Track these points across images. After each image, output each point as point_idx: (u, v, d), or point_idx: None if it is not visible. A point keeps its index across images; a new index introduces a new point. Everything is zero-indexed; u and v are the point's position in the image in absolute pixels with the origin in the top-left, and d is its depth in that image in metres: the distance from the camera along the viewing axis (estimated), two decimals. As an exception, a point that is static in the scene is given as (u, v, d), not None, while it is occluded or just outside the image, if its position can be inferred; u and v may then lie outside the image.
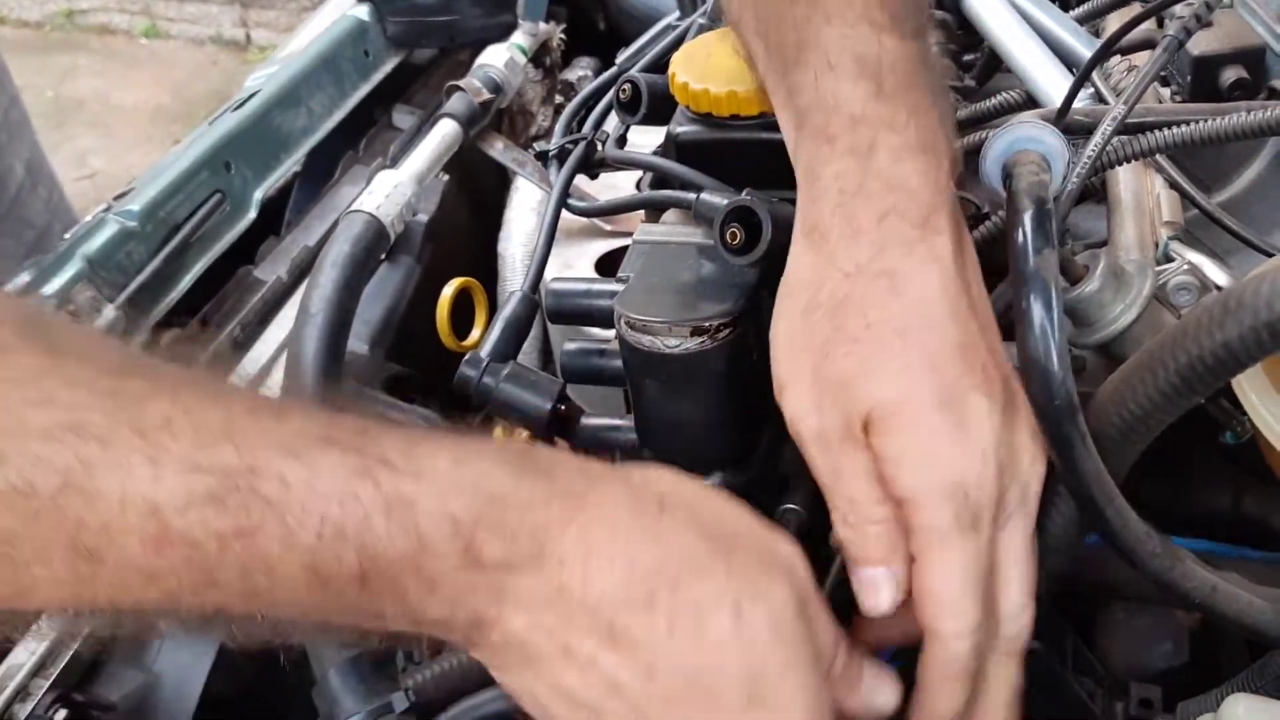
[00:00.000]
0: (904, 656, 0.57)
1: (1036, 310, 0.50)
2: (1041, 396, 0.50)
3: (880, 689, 0.53)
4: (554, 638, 0.45)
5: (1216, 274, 0.69)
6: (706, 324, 0.60)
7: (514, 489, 0.45)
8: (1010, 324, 0.53)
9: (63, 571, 0.41)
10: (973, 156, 0.57)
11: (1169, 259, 0.70)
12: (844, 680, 0.51)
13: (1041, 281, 0.50)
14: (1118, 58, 0.84)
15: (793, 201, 0.57)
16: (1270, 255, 0.74)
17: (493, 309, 0.92)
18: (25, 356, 0.42)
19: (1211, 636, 0.83)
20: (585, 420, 0.75)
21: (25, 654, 0.75)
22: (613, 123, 0.88)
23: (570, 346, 0.73)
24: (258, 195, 1.05)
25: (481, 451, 0.46)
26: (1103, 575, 0.73)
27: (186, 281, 0.96)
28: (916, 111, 0.54)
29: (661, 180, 0.74)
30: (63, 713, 0.74)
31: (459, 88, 1.14)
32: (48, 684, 0.75)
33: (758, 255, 0.59)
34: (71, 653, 0.76)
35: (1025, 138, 0.55)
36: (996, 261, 0.58)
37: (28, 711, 0.73)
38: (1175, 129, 0.68)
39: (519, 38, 1.25)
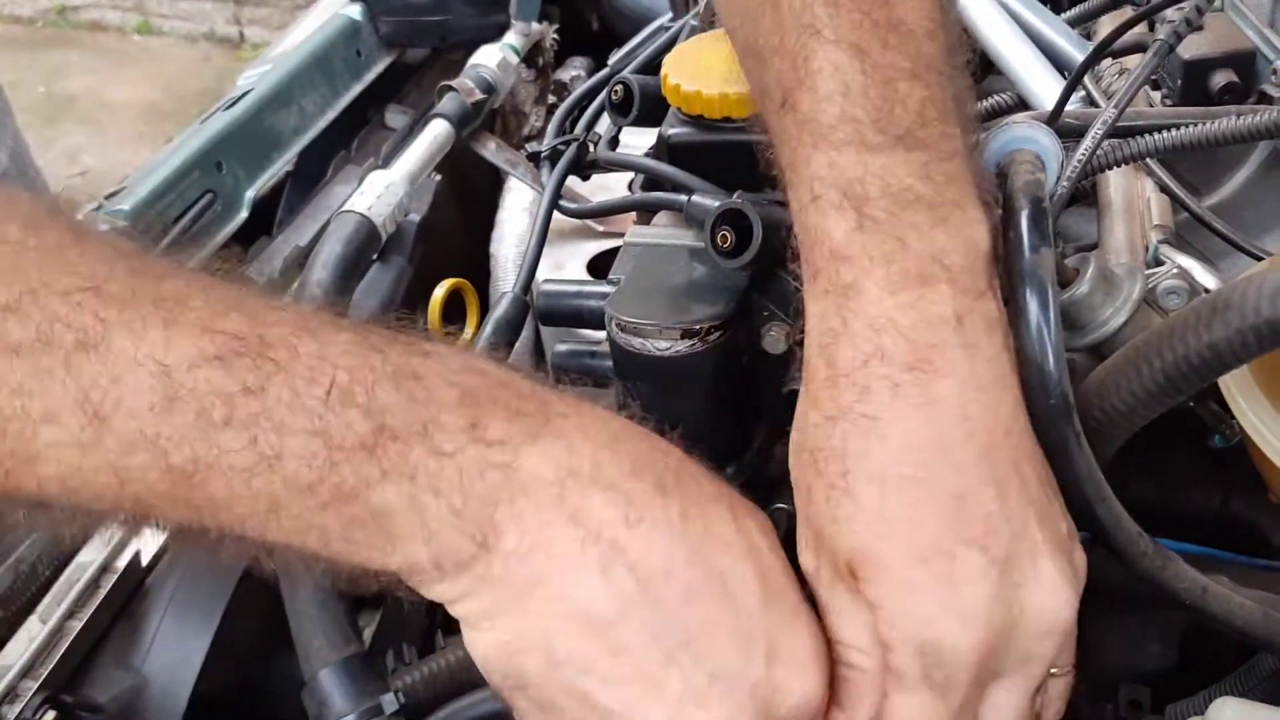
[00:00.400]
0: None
1: (1033, 309, 0.50)
2: (1037, 395, 0.50)
3: None
4: (571, 526, 0.43)
5: (1206, 278, 0.69)
6: (697, 327, 0.60)
7: (514, 378, 0.46)
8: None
9: (70, 433, 0.41)
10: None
11: (1159, 262, 0.71)
12: None
13: (1038, 280, 0.50)
14: (1109, 60, 0.84)
15: (784, 204, 0.57)
16: (1259, 259, 0.74)
17: (485, 309, 0.92)
18: (52, 231, 0.44)
19: (1201, 638, 0.83)
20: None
21: (13, 656, 0.75)
22: (605, 124, 0.88)
23: (561, 348, 0.73)
24: (250, 195, 1.05)
25: (482, 354, 0.48)
26: (1093, 576, 0.73)
27: (177, 281, 0.96)
28: (908, 237, 0.48)
29: (653, 182, 0.74)
30: (51, 714, 0.74)
31: (451, 88, 1.14)
32: (36, 685, 0.75)
33: (748, 258, 0.59)
34: (60, 654, 0.76)
35: (1020, 137, 0.55)
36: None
37: (16, 713, 0.73)
38: (1166, 133, 0.69)
39: (512, 38, 1.25)
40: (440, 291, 0.84)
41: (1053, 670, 0.51)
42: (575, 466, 0.44)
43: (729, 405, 0.63)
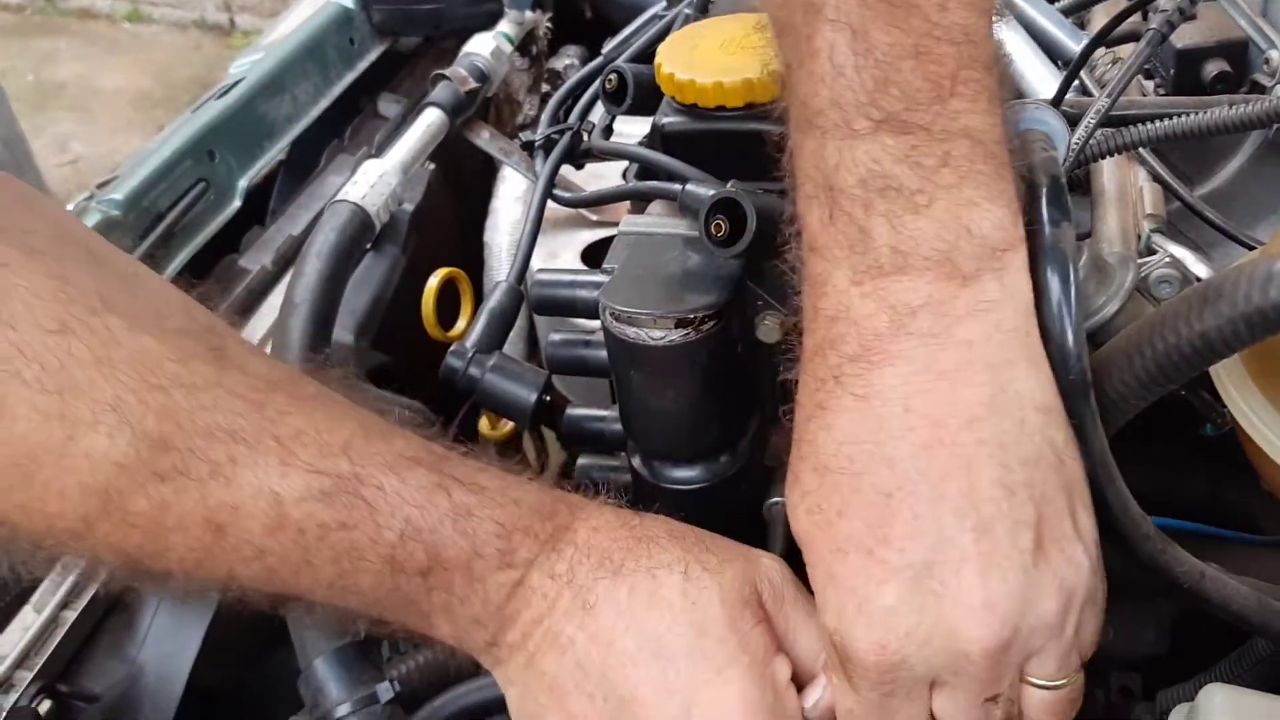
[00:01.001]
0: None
1: (1054, 285, 0.49)
2: (1056, 372, 0.49)
3: None
4: (544, 624, 0.53)
5: (1198, 267, 0.70)
6: (691, 316, 0.60)
7: (540, 499, 0.55)
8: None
9: (194, 539, 0.50)
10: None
11: (1151, 251, 0.71)
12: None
13: (1060, 256, 0.49)
14: (1102, 49, 0.85)
15: (778, 193, 0.57)
16: (1251, 248, 0.75)
17: (479, 299, 0.92)
18: (200, 366, 0.51)
19: (1193, 626, 0.83)
20: (570, 411, 0.75)
21: (8, 646, 0.75)
22: (599, 113, 0.88)
23: (555, 337, 0.73)
24: (242, 184, 1.05)
25: (522, 480, 0.56)
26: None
27: (171, 271, 0.96)
28: (876, 228, 0.47)
29: (647, 171, 0.74)
30: (47, 704, 0.74)
31: (445, 76, 1.13)
32: (31, 675, 0.75)
33: (742, 247, 0.59)
34: (55, 644, 0.76)
35: (1032, 118, 0.54)
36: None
37: (11, 702, 0.73)
38: (1158, 122, 0.69)
39: (505, 26, 1.25)
40: (435, 281, 0.84)
41: (1035, 681, 0.49)
42: (557, 572, 0.53)
43: (723, 394, 0.63)
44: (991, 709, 0.49)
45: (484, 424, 0.96)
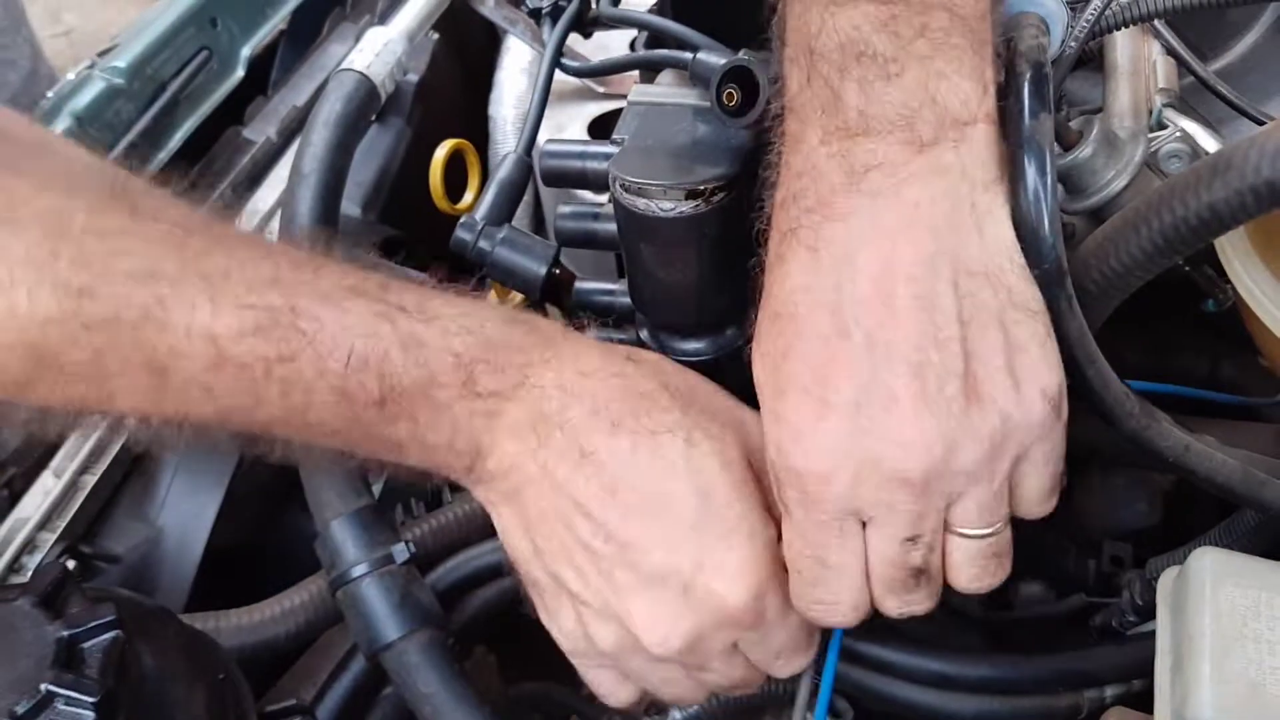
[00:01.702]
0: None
1: (1031, 174, 0.50)
2: (1031, 259, 0.50)
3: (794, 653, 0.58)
4: (535, 458, 0.53)
5: (1209, 142, 0.69)
6: (702, 187, 0.60)
7: (505, 334, 0.54)
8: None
9: (139, 383, 0.51)
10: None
11: (1162, 126, 0.71)
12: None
13: (1037, 145, 0.50)
14: (1121, -82, 0.83)
15: None
16: (1263, 124, 0.74)
17: (485, 172, 0.92)
18: (113, 216, 0.51)
19: (1184, 499, 0.85)
20: (579, 284, 0.75)
21: (31, 508, 0.77)
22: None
23: (564, 210, 0.73)
24: (245, 52, 1.03)
25: (481, 305, 0.55)
26: (1079, 436, 0.75)
27: (176, 140, 0.95)
28: (848, 92, 0.49)
29: (657, 39, 0.73)
30: (71, 564, 0.77)
31: (448, -58, 1.10)
32: (54, 537, 0.77)
33: (754, 117, 0.59)
34: (76, 507, 0.78)
35: (1025, 0, 0.54)
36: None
37: (36, 563, 0.76)
38: (1175, -7, 0.68)
39: (509, -111, 1.21)
40: (441, 153, 0.83)
41: (958, 528, 0.51)
42: (546, 411, 0.53)
43: (732, 266, 0.63)
44: (911, 550, 0.51)
45: (492, 297, 0.96)
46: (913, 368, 0.48)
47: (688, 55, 0.67)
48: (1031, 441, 0.50)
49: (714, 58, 0.65)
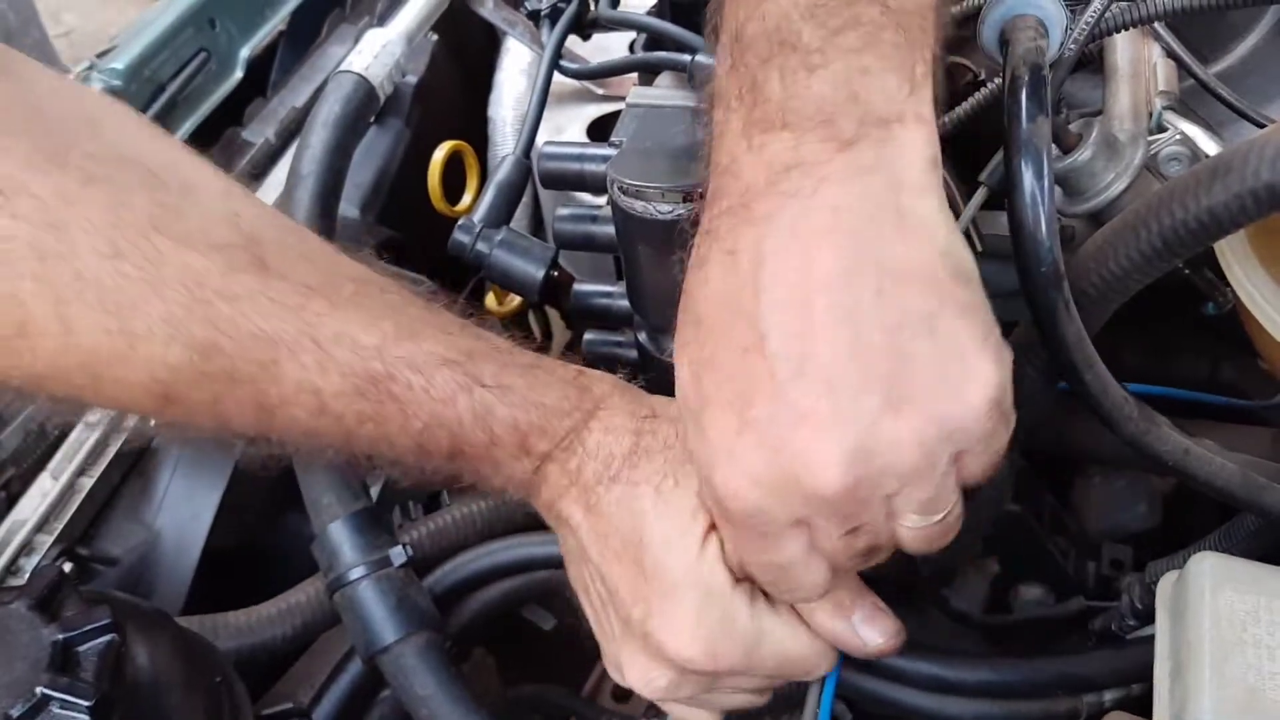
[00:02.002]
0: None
1: (1028, 178, 0.50)
2: (1028, 263, 0.50)
3: (871, 626, 0.59)
4: (561, 506, 0.58)
5: (1209, 145, 0.69)
6: (699, 189, 0.59)
7: (560, 400, 0.58)
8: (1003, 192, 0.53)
9: (249, 418, 0.57)
10: (972, 20, 0.57)
11: (1162, 129, 0.70)
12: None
13: (1034, 149, 0.50)
14: (1122, -80, 0.82)
15: None
16: (1263, 127, 0.74)
17: (483, 174, 0.92)
18: (244, 278, 0.55)
19: (1184, 502, 0.85)
20: (577, 286, 0.75)
21: (29, 510, 0.77)
22: (606, -18, 0.87)
23: (563, 212, 0.73)
24: (244, 54, 1.03)
25: (550, 373, 0.60)
26: (1080, 440, 0.75)
27: (174, 142, 0.95)
28: (769, 82, 0.48)
29: (656, 42, 0.73)
30: (68, 566, 0.76)
31: (447, -56, 1.10)
32: (52, 539, 0.77)
33: (752, 120, 0.59)
34: (74, 509, 0.78)
35: (1024, 2, 0.54)
36: (993, 128, 0.58)
37: (33, 565, 0.75)
38: (1175, -5, 0.68)
39: (509, -109, 1.21)
40: (440, 154, 0.84)
41: (905, 523, 0.50)
42: (571, 468, 0.58)
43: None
44: (854, 539, 0.51)
45: (490, 299, 0.96)
46: (825, 382, 0.46)
47: (686, 57, 0.67)
48: (973, 441, 0.48)
49: (712, 60, 0.65)
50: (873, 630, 0.58)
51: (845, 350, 0.46)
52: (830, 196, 0.47)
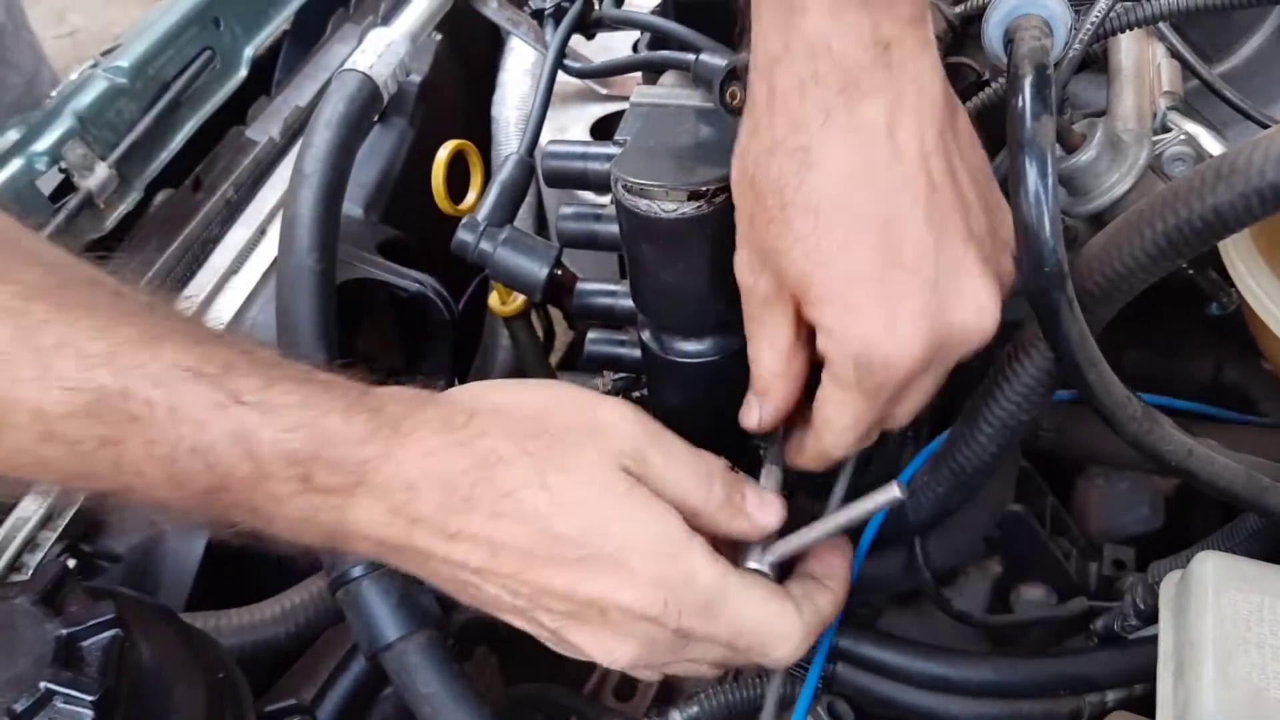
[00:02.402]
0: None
1: (1031, 177, 0.50)
2: (1032, 263, 0.50)
3: (766, 510, 0.58)
4: (403, 550, 0.53)
5: (1213, 145, 0.69)
6: (703, 188, 0.59)
7: (345, 428, 0.52)
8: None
9: None
10: (976, 20, 0.57)
11: (1166, 129, 0.71)
12: (725, 507, 0.57)
13: (1038, 148, 0.50)
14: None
15: None
16: (1267, 127, 0.74)
17: (488, 173, 0.92)
18: None
19: (1186, 503, 0.85)
20: (580, 285, 0.75)
21: (33, 507, 0.77)
22: (610, -19, 0.87)
23: (566, 211, 0.73)
24: (248, 52, 1.03)
25: (327, 391, 0.53)
26: (1083, 441, 0.75)
27: (179, 140, 0.95)
28: None
29: (659, 41, 0.73)
30: (72, 563, 0.76)
31: (452, -57, 1.10)
32: (55, 535, 0.77)
33: (757, 118, 0.59)
34: (78, 506, 0.78)
35: (1029, 2, 0.54)
36: (997, 128, 0.58)
37: (37, 561, 0.75)
38: (1180, -4, 0.68)
39: (513, -110, 1.21)
40: (444, 153, 0.83)
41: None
42: (394, 505, 0.52)
43: (733, 267, 0.63)
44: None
45: (494, 298, 0.96)
46: (967, 231, 0.52)
47: (690, 56, 0.67)
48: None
49: (717, 59, 0.65)
50: (766, 512, 0.58)
51: (963, 204, 0.52)
52: (915, 69, 0.51)
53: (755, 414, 0.60)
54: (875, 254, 0.51)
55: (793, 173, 0.51)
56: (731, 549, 0.58)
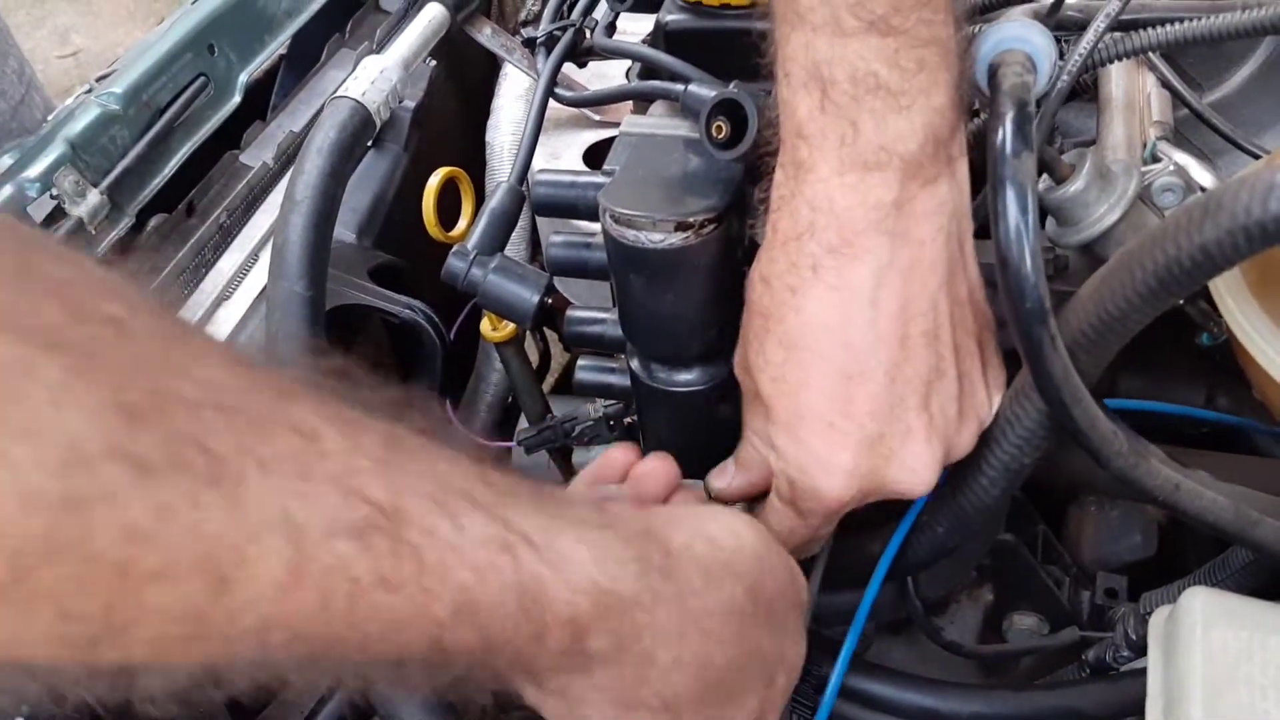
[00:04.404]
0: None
1: (1012, 213, 0.50)
2: (1013, 299, 0.50)
3: None
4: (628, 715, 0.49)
5: (1203, 175, 0.69)
6: (691, 219, 0.59)
7: (620, 577, 0.45)
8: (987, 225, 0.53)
9: (184, 597, 0.33)
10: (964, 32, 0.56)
11: (1156, 159, 0.70)
12: None
13: (1018, 185, 0.50)
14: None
15: None
16: (1258, 157, 0.74)
17: (481, 199, 0.92)
18: (159, 319, 0.36)
19: (1180, 531, 0.85)
20: (571, 313, 0.75)
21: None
22: (603, 9, 0.87)
23: (556, 239, 0.73)
24: (242, 79, 1.03)
25: (606, 528, 0.47)
26: (1074, 470, 0.74)
27: (171, 167, 0.95)
28: (864, 122, 0.50)
29: (650, 71, 0.73)
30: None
31: (447, -30, 1.11)
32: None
33: (743, 150, 0.59)
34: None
35: (1012, 37, 0.54)
36: (984, 158, 0.57)
37: None
38: (1169, 26, 0.68)
39: (508, -82, 1.22)
40: (435, 181, 0.83)
41: None
42: (645, 676, 0.48)
43: (722, 298, 0.63)
44: None
45: (486, 325, 0.96)
46: (923, 400, 0.54)
47: (679, 87, 0.67)
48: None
49: (704, 90, 0.65)
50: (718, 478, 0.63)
51: (934, 371, 0.54)
52: (918, 232, 0.53)
53: (726, 479, 0.63)
54: (829, 401, 0.54)
55: (779, 305, 0.55)
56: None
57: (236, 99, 1.02)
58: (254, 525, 0.33)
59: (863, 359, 0.53)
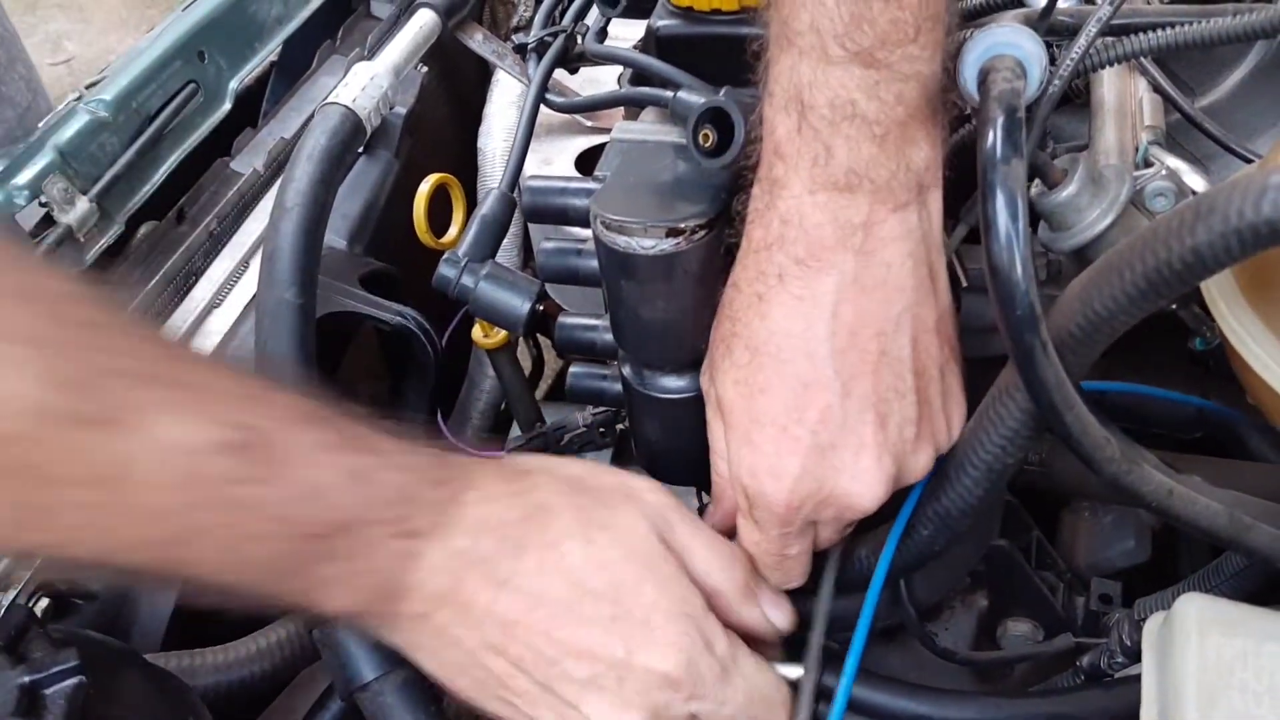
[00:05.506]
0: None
1: (1002, 221, 0.49)
2: (1004, 306, 0.50)
3: (780, 609, 0.63)
4: (455, 597, 0.54)
5: (1195, 180, 0.69)
6: (682, 225, 0.59)
7: (436, 470, 0.55)
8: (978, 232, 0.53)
9: (93, 496, 0.46)
10: (952, 59, 0.56)
11: (1148, 164, 0.70)
12: (744, 593, 0.61)
13: (1008, 192, 0.50)
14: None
15: None
16: (1250, 161, 0.74)
17: (472, 205, 0.91)
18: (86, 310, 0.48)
19: (1174, 535, 0.85)
20: (563, 319, 0.75)
21: (6, 544, 0.76)
22: (594, 15, 0.87)
23: (547, 245, 0.72)
24: (233, 85, 1.03)
25: (410, 438, 0.55)
26: (1067, 475, 0.74)
27: (161, 174, 0.95)
28: (838, 147, 0.52)
29: (641, 76, 0.73)
30: (45, 601, 0.75)
31: (438, -24, 1.11)
32: (29, 574, 0.76)
33: (730, 158, 0.59)
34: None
35: (1002, 42, 0.54)
36: (974, 163, 0.57)
37: (9, 600, 0.74)
38: (1161, 31, 0.68)
39: (500, -76, 1.22)
40: (426, 187, 0.83)
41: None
42: (460, 548, 0.54)
43: (713, 304, 0.63)
44: (838, 534, 0.62)
45: (477, 331, 0.96)
46: (879, 417, 0.55)
47: (669, 94, 0.67)
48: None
49: (693, 97, 0.65)
50: (777, 612, 0.63)
51: (892, 390, 0.55)
52: (885, 255, 0.54)
53: (709, 518, 0.65)
54: (784, 407, 0.56)
55: (747, 310, 0.57)
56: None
57: (227, 106, 1.02)
58: (149, 448, 0.46)
59: (821, 368, 0.55)
